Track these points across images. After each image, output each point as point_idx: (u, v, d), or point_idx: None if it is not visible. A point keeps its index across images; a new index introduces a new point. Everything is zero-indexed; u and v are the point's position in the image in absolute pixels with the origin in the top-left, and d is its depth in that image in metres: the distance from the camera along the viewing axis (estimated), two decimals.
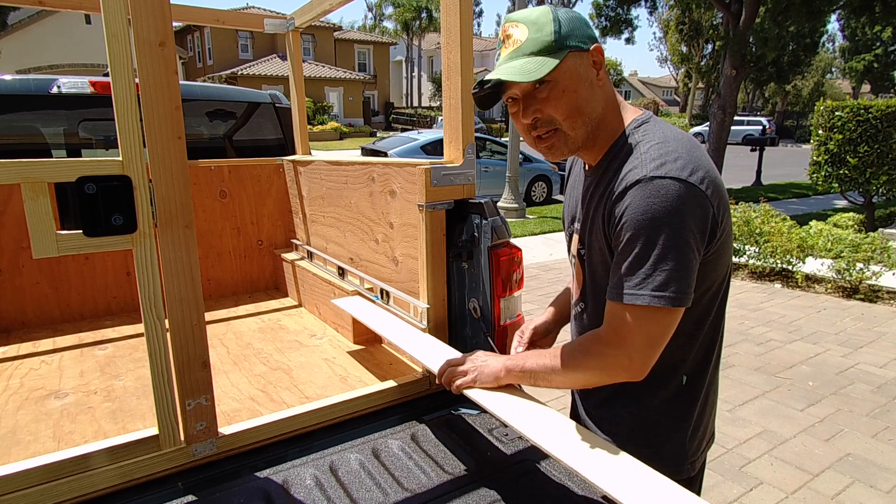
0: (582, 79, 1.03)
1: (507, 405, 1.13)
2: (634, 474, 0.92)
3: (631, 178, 0.99)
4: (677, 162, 0.98)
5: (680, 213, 0.95)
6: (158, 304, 1.13)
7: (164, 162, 1.10)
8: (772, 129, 30.50)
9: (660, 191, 0.96)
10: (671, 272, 0.95)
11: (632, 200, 0.98)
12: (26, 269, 2.37)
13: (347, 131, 29.30)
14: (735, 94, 12.06)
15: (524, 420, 1.08)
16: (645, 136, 1.05)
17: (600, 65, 1.05)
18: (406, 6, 42.11)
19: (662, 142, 1.02)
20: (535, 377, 1.13)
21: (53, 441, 1.49)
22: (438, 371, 1.27)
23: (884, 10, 10.70)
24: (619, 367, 1.02)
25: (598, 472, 0.92)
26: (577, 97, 1.03)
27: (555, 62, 0.99)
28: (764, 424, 3.16)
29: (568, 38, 1.01)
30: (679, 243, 0.95)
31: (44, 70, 20.13)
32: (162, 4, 1.07)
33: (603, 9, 16.34)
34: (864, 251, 5.48)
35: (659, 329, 0.99)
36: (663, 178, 0.96)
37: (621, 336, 1.00)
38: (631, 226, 0.97)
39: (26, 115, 2.50)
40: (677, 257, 0.95)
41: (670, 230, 0.95)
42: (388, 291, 1.94)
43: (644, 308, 0.97)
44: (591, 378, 1.08)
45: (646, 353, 1.00)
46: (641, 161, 1.00)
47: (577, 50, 1.02)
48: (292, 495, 1.16)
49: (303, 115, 2.82)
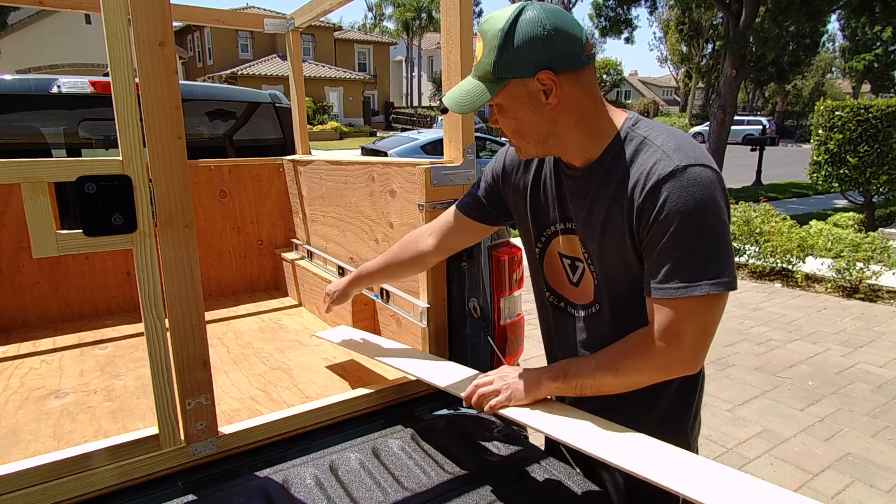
0: (522, 105, 1.04)
1: (550, 420, 1.09)
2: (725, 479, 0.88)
3: (662, 171, 0.97)
4: (696, 150, 1.00)
5: (717, 199, 0.97)
6: (158, 303, 1.13)
7: (164, 161, 1.10)
8: (772, 129, 30.47)
9: (696, 179, 0.96)
10: (723, 257, 0.96)
11: (669, 193, 0.96)
12: (26, 268, 2.37)
13: (347, 131, 29.29)
14: (735, 94, 12.06)
15: (580, 435, 1.02)
16: (649, 131, 1.05)
17: (550, 89, 1.01)
18: (406, 6, 42.11)
19: (671, 134, 1.03)
20: (580, 387, 1.09)
21: (53, 440, 1.49)
22: (466, 394, 1.21)
23: (884, 10, 10.70)
24: (678, 363, 1.02)
25: (683, 481, 0.87)
26: (516, 122, 1.07)
27: (488, 96, 1.03)
28: (764, 424, 3.16)
29: (508, 69, 1.00)
30: (721, 228, 0.97)
31: (44, 70, 20.12)
32: (162, 4, 1.07)
33: (603, 9, 16.35)
34: (864, 251, 5.49)
35: (715, 317, 0.99)
36: (694, 165, 0.97)
37: (678, 331, 0.99)
38: (675, 218, 0.96)
39: (26, 114, 2.50)
40: (724, 241, 0.97)
41: (714, 216, 0.96)
42: (388, 291, 1.94)
43: (701, 298, 0.96)
44: (647, 378, 1.06)
45: (703, 344, 1.00)
46: (664, 153, 0.99)
47: (517, 78, 1.01)
48: (292, 495, 1.16)
49: (303, 115, 2.82)
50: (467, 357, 1.68)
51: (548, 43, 0.98)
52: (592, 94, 1.06)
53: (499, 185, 1.34)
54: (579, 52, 1.01)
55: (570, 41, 1.00)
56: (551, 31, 0.98)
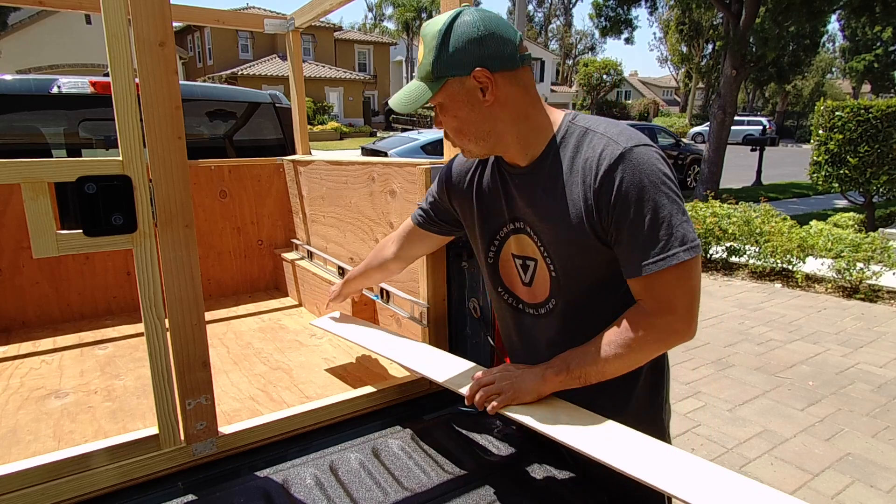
0: (462, 103, 1.09)
1: (553, 421, 1.08)
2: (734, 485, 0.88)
3: (612, 155, 1.03)
4: (635, 133, 1.07)
5: (665, 172, 1.03)
6: (158, 303, 1.13)
7: (165, 162, 1.10)
8: (772, 129, 30.49)
9: (644, 157, 1.02)
10: (686, 223, 1.02)
11: (623, 174, 1.01)
12: (26, 268, 2.37)
13: (347, 131, 29.28)
14: (735, 94, 12.05)
15: (582, 437, 1.02)
16: (589, 122, 1.11)
17: (486, 86, 1.06)
18: (406, 6, 42.12)
19: (610, 123, 1.10)
20: (584, 376, 1.10)
21: (53, 440, 1.49)
22: (469, 392, 1.20)
23: (884, 10, 10.70)
24: (675, 333, 1.05)
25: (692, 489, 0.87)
26: (457, 120, 1.11)
27: (429, 94, 1.07)
28: (764, 424, 3.16)
29: (447, 67, 1.05)
30: (676, 196, 1.02)
31: (44, 70, 20.12)
32: (162, 4, 1.07)
33: (603, 9, 16.35)
34: (865, 251, 5.48)
35: (697, 279, 1.04)
36: (639, 146, 1.03)
37: (668, 302, 1.03)
38: (634, 196, 1.01)
39: (26, 115, 2.51)
40: (682, 209, 1.02)
41: (667, 188, 1.02)
42: (388, 291, 1.94)
43: (680, 265, 1.00)
44: (648, 354, 1.09)
45: (694, 307, 1.04)
46: (609, 139, 1.05)
47: (455, 76, 1.06)
48: (292, 495, 1.16)
49: (303, 115, 2.82)
50: (467, 357, 1.68)
51: (482, 43, 1.04)
52: (529, 93, 1.12)
53: (445, 197, 1.37)
54: (513, 52, 1.07)
55: (503, 42, 1.06)
56: (485, 33, 1.04)
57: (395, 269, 1.59)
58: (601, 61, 39.57)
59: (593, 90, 39.64)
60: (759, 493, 0.85)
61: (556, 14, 59.89)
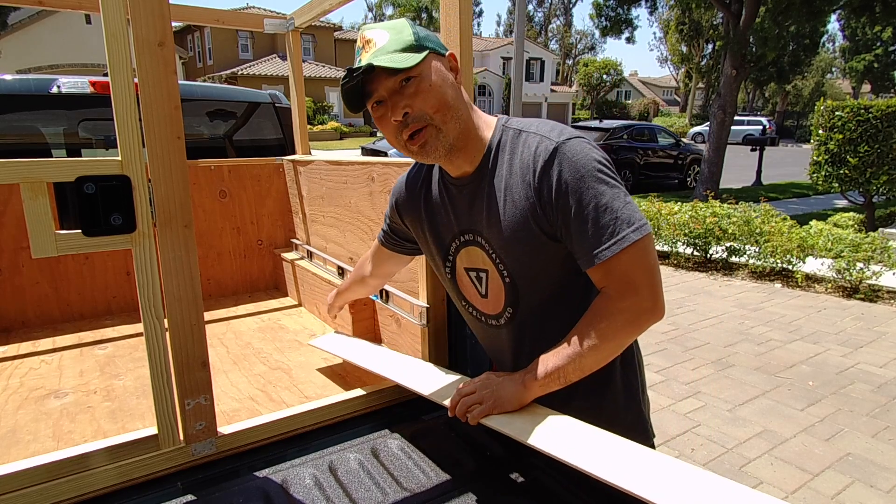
0: (445, 77, 1.08)
1: (534, 430, 1.06)
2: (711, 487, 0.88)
3: (546, 151, 1.04)
4: (566, 129, 1.09)
5: (600, 160, 1.04)
6: (157, 303, 1.12)
7: (164, 162, 1.10)
8: (772, 129, 30.47)
9: (577, 149, 1.04)
10: (629, 205, 1.03)
11: (561, 167, 1.03)
12: (26, 268, 2.37)
13: (347, 131, 29.29)
14: (735, 94, 12.05)
15: (564, 446, 1.00)
16: (521, 124, 1.13)
17: (457, 70, 1.11)
18: (406, 6, 42.12)
19: (541, 122, 1.12)
20: (563, 375, 1.08)
21: (53, 440, 1.49)
22: (451, 403, 1.18)
23: (884, 10, 10.70)
24: (643, 312, 1.04)
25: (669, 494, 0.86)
26: (443, 92, 1.06)
27: (419, 56, 1.03)
28: (764, 424, 3.16)
29: (426, 40, 1.07)
30: (616, 181, 1.04)
31: (44, 70, 20.13)
32: (161, 4, 1.07)
33: (603, 9, 16.35)
34: (865, 251, 5.49)
35: (652, 257, 1.04)
36: (571, 139, 1.05)
37: (630, 283, 1.02)
38: (575, 187, 1.02)
39: (26, 115, 2.50)
40: (623, 192, 1.04)
41: (604, 174, 1.03)
42: (388, 291, 1.94)
43: (633, 245, 1.01)
44: (622, 339, 1.07)
45: (656, 285, 1.04)
46: (542, 136, 1.07)
47: (435, 52, 1.07)
48: (291, 495, 1.16)
49: (303, 115, 2.82)
50: (467, 357, 1.68)
51: (439, 40, 1.12)
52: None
53: (398, 217, 1.38)
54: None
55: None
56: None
57: (375, 284, 1.64)
58: (601, 61, 39.59)
59: (593, 90, 39.65)
60: (744, 498, 0.85)
61: (556, 14, 59.92)
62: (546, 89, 45.08)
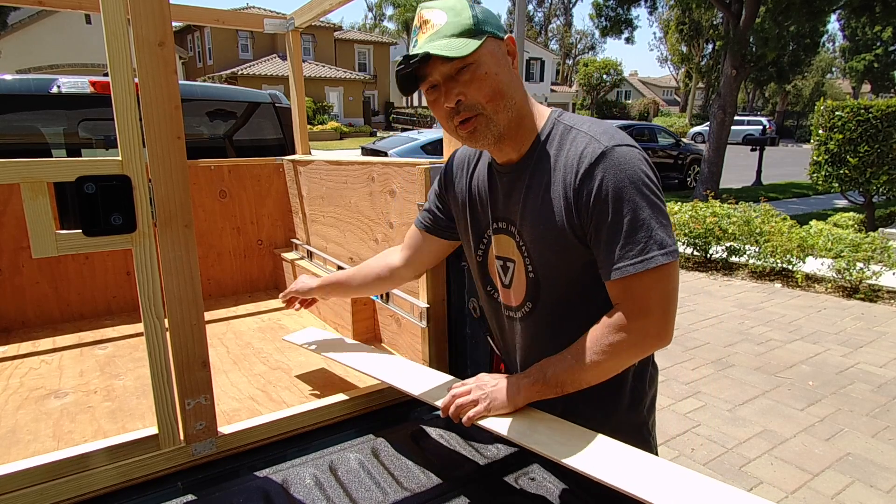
0: (502, 63, 1.05)
1: (529, 431, 1.07)
2: (699, 488, 0.88)
3: (593, 154, 1.01)
4: (618, 133, 1.05)
5: (647, 173, 1.01)
6: (158, 303, 1.13)
7: (164, 161, 1.10)
8: (772, 129, 30.48)
9: (625, 157, 1.00)
10: (666, 227, 1.00)
11: (604, 173, 1.00)
12: (26, 268, 2.37)
13: (347, 131, 29.28)
14: (735, 94, 12.05)
15: (560, 447, 1.01)
16: (574, 121, 1.10)
17: (514, 54, 1.07)
18: (406, 6, 42.11)
19: (594, 122, 1.08)
20: (560, 385, 1.08)
21: (53, 440, 1.49)
22: (444, 404, 1.16)
23: (884, 10, 10.70)
24: (650, 337, 1.02)
25: (658, 492, 0.87)
26: (498, 80, 1.03)
27: (477, 42, 1.00)
28: (764, 424, 3.16)
29: (485, 23, 1.02)
30: (658, 199, 1.01)
31: (44, 70, 20.12)
32: (161, 4, 1.07)
33: (603, 9, 16.34)
34: (865, 251, 5.48)
35: (674, 284, 1.02)
36: (621, 145, 1.01)
37: (644, 305, 1.00)
38: (613, 196, 0.99)
39: (26, 115, 2.50)
40: (662, 211, 1.01)
41: (648, 189, 1.00)
42: (388, 291, 1.94)
43: (657, 269, 0.98)
44: (624, 360, 1.06)
45: (669, 313, 1.02)
46: (591, 138, 1.03)
47: (493, 36, 1.03)
48: (292, 495, 1.16)
49: (303, 115, 2.82)
50: (467, 357, 1.68)
51: (494, 16, 1.06)
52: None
53: (444, 193, 1.35)
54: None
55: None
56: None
57: (402, 275, 1.49)
58: (601, 61, 39.56)
59: (593, 90, 39.62)
60: (736, 500, 0.84)
61: (556, 14, 59.89)
62: (546, 89, 45.08)
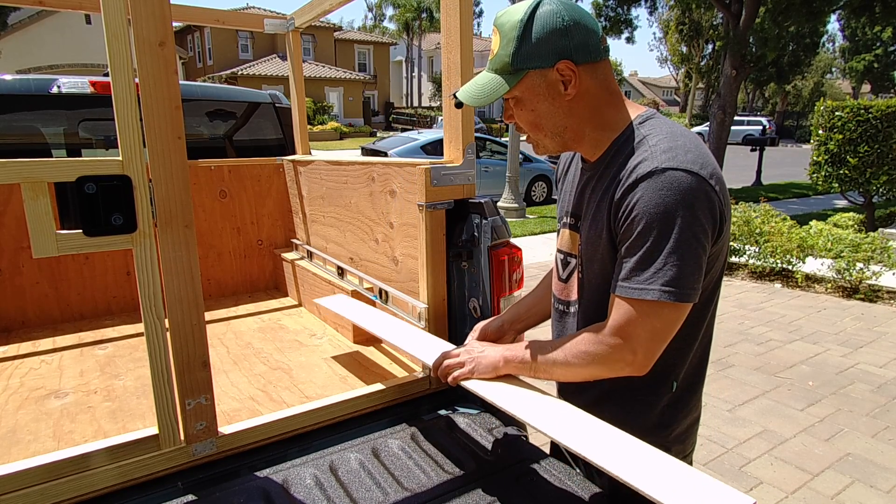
0: (541, 96, 1.05)
1: (507, 395, 1.12)
2: (646, 458, 0.90)
3: (642, 171, 0.97)
4: (688, 155, 0.98)
5: (692, 207, 0.94)
6: (158, 303, 1.13)
7: (164, 162, 1.10)
8: (772, 129, 30.47)
9: (672, 183, 0.95)
10: (682, 267, 0.95)
11: (643, 192, 0.96)
12: (26, 268, 2.37)
13: (347, 131, 29.28)
14: (735, 94, 12.06)
15: (527, 409, 1.06)
16: (652, 130, 1.04)
17: (569, 79, 1.03)
18: (406, 6, 42.12)
19: (671, 135, 1.02)
20: (534, 369, 1.12)
21: (53, 440, 1.49)
22: (434, 363, 1.26)
23: (884, 10, 10.70)
24: (622, 362, 1.01)
25: (608, 457, 0.90)
26: (534, 114, 1.07)
27: (506, 88, 1.04)
28: (764, 424, 3.16)
29: (528, 58, 1.02)
30: (690, 238, 0.95)
31: (44, 70, 20.11)
32: (162, 4, 1.07)
33: (603, 9, 16.32)
34: (864, 251, 5.48)
35: (664, 324, 0.98)
36: (676, 169, 0.95)
37: (626, 331, 0.99)
38: (643, 218, 0.96)
39: (26, 115, 2.50)
40: (688, 252, 0.95)
41: (683, 223, 0.94)
42: (388, 291, 1.94)
43: (652, 303, 0.96)
44: (592, 371, 1.06)
45: (650, 349, 0.99)
46: (651, 153, 0.99)
47: (537, 69, 1.02)
48: (292, 495, 1.16)
49: (303, 115, 2.82)
50: None
51: (567, 33, 1.00)
52: (609, 86, 1.08)
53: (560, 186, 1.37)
54: (596, 43, 1.03)
55: (588, 32, 1.02)
56: (569, 23, 1.00)
57: None
58: None
59: None
60: (721, 493, 0.84)
61: None
62: None
